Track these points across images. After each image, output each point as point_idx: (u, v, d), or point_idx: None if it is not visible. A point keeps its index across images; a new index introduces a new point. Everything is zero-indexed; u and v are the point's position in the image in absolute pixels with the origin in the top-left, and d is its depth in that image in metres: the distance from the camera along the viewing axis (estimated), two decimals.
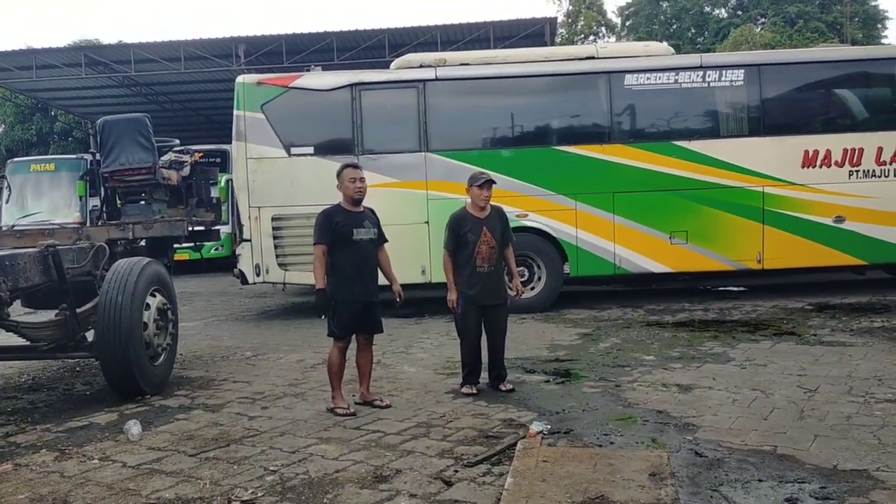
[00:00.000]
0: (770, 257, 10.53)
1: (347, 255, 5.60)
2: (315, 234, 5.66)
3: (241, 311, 12.14)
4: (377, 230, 5.82)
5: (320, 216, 5.70)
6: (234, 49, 21.24)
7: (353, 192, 5.71)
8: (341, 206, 5.75)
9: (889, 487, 3.85)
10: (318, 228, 5.65)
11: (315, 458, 4.59)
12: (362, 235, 5.67)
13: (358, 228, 5.66)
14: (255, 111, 10.60)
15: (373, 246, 5.78)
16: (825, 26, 38.48)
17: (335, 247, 5.60)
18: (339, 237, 5.60)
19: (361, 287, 5.66)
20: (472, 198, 6.29)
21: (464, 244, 6.17)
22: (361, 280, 5.66)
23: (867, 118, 10.94)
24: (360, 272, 5.65)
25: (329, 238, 5.59)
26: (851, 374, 6.25)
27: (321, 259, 5.60)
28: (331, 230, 5.60)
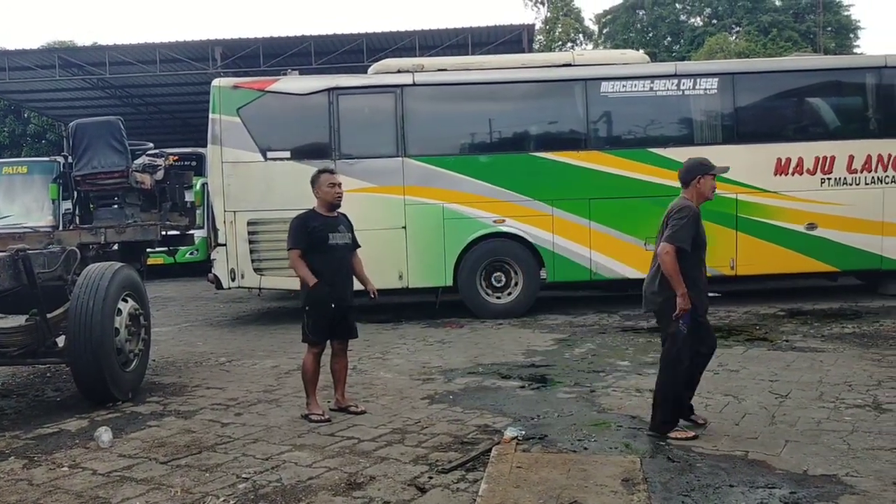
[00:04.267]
0: (743, 263, 10.64)
1: (322, 259, 5.55)
2: (290, 239, 5.61)
3: (216, 317, 12.05)
4: (351, 235, 5.81)
5: (295, 221, 5.66)
6: (211, 52, 21.10)
7: (333, 197, 5.68)
8: (316, 210, 5.72)
9: (858, 492, 3.90)
10: (294, 233, 5.60)
11: (288, 465, 4.57)
12: (338, 240, 5.64)
13: (333, 233, 5.63)
14: (231, 115, 10.54)
15: (347, 251, 5.75)
16: (798, 35, 39.03)
17: (310, 251, 5.56)
18: (315, 242, 5.55)
19: (337, 292, 5.62)
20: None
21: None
22: (337, 285, 5.61)
23: (839, 127, 11.10)
24: (336, 277, 5.61)
25: (305, 243, 5.55)
26: (822, 379, 6.33)
27: (299, 261, 5.54)
28: (306, 235, 5.56)
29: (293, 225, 5.64)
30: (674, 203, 5.13)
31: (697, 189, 5.12)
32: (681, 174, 5.24)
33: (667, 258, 4.88)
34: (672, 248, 4.88)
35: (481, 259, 10.72)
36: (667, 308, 4.94)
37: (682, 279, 4.85)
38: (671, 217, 5.00)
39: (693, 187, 5.13)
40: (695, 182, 5.12)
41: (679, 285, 4.84)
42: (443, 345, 8.72)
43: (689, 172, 5.17)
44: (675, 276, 4.85)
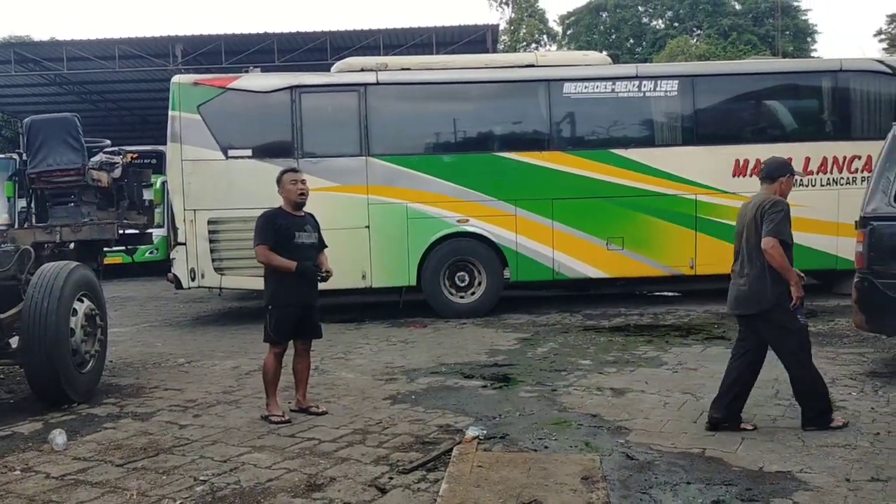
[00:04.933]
0: (702, 263, 10.79)
1: (289, 257, 5.49)
2: (256, 236, 5.56)
3: (176, 317, 11.88)
4: (318, 235, 5.77)
5: (261, 218, 5.61)
6: (172, 48, 20.84)
7: (296, 194, 5.63)
8: (283, 209, 5.67)
9: (812, 489, 3.98)
10: (260, 229, 5.55)
11: (247, 466, 4.52)
12: (304, 239, 5.60)
13: (300, 232, 5.59)
14: (191, 112, 10.40)
15: (313, 251, 5.70)
16: (757, 39, 39.76)
17: (276, 250, 5.50)
18: (281, 239, 5.51)
19: (301, 291, 5.57)
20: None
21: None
22: (302, 284, 5.56)
23: (796, 129, 11.32)
24: (301, 277, 5.55)
25: (272, 239, 5.50)
26: (778, 377, 6.40)
27: (270, 253, 5.48)
28: (273, 232, 5.51)
29: (260, 222, 5.59)
30: (761, 198, 5.07)
31: (781, 187, 5.15)
32: (769, 170, 5.23)
33: (775, 251, 4.84)
34: (777, 242, 4.85)
35: (445, 259, 10.73)
36: (784, 302, 4.89)
37: (792, 269, 4.88)
38: (766, 212, 4.92)
39: (778, 184, 5.15)
40: (781, 179, 5.16)
41: (792, 275, 4.86)
42: (406, 344, 8.71)
43: (779, 169, 5.20)
44: (787, 266, 4.85)
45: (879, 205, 6.25)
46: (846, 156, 10.81)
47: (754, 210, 5.01)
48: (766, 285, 4.93)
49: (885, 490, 3.92)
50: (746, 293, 5.03)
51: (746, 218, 5.08)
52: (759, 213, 4.96)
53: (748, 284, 5.02)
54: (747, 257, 5.04)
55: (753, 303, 5.00)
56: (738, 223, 5.22)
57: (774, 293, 4.90)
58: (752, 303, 5.01)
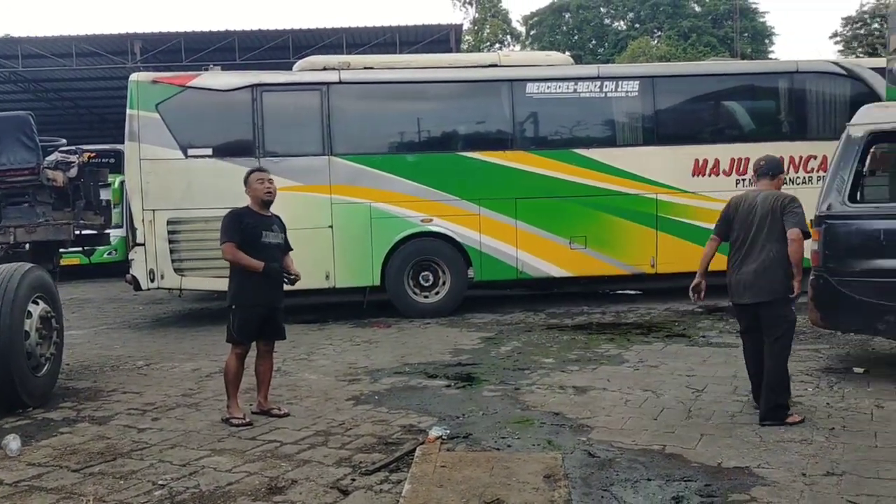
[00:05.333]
0: (663, 262, 10.92)
1: (254, 257, 5.44)
2: (223, 234, 5.50)
3: (135, 319, 11.69)
4: (284, 236, 5.73)
5: (228, 216, 5.56)
6: (130, 46, 20.54)
7: (263, 193, 5.58)
8: (249, 208, 5.62)
9: (769, 483, 4.04)
10: (227, 227, 5.50)
11: (207, 470, 4.46)
12: (270, 239, 5.56)
13: (267, 231, 5.55)
14: (149, 111, 10.24)
15: (279, 251, 5.66)
16: (717, 41, 40.39)
17: (243, 249, 5.45)
18: (248, 238, 5.45)
19: (266, 292, 5.52)
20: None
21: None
22: (267, 284, 5.51)
23: (753, 129, 11.50)
24: (267, 277, 5.49)
25: (238, 237, 5.44)
26: (737, 374, 6.53)
27: (237, 252, 5.42)
28: (240, 230, 5.45)
29: (226, 219, 5.55)
30: (774, 193, 5.30)
31: (778, 184, 5.46)
32: (769, 167, 5.48)
33: (799, 244, 5.03)
34: (802, 235, 5.06)
35: (409, 258, 10.70)
36: (789, 292, 5.09)
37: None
38: (787, 206, 5.13)
39: (778, 180, 5.47)
40: (780, 176, 5.50)
41: (801, 268, 5.06)
42: (370, 345, 8.67)
43: (779, 167, 5.53)
44: (803, 258, 5.06)
45: (834, 204, 6.38)
46: (802, 156, 11.00)
47: (772, 202, 5.18)
48: (780, 274, 5.10)
49: (839, 484, 4.00)
50: (761, 281, 5.15)
51: (759, 210, 5.21)
52: (780, 205, 5.14)
53: (764, 272, 5.14)
54: (761, 247, 5.17)
55: (768, 291, 5.15)
56: (742, 213, 5.32)
57: (787, 282, 5.10)
58: (766, 291, 5.15)
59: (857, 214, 6.42)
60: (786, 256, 5.08)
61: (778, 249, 5.12)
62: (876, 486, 3.94)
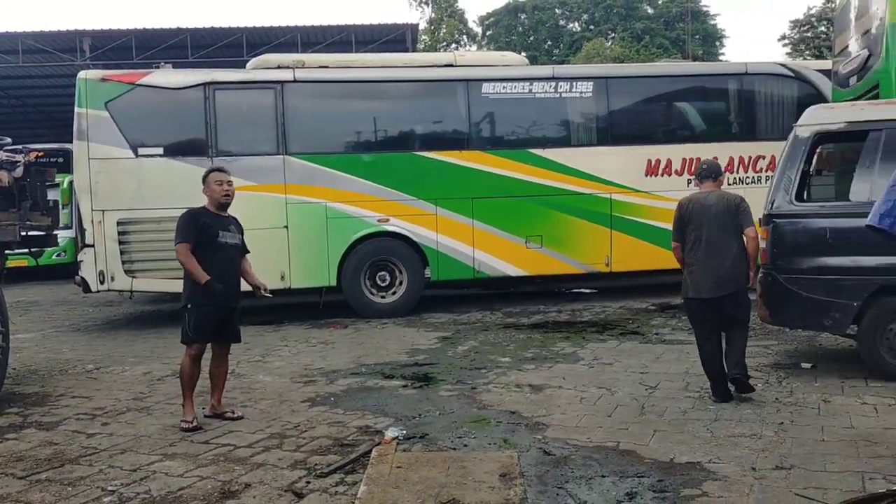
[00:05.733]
0: (617, 260, 11.05)
1: (211, 257, 5.37)
2: (178, 234, 5.41)
3: (84, 321, 11.44)
4: (241, 238, 5.66)
5: (184, 215, 5.48)
6: (79, 43, 20.11)
7: (221, 194, 5.51)
8: (206, 208, 5.55)
9: (720, 478, 4.11)
10: (182, 227, 5.41)
11: (158, 475, 4.38)
12: (227, 239, 5.49)
13: (224, 231, 5.48)
14: (98, 109, 10.02)
15: (237, 252, 5.60)
16: (669, 42, 41.03)
17: (199, 249, 5.36)
18: (205, 238, 5.38)
19: (226, 292, 5.41)
20: None
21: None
22: (224, 284, 5.40)
23: (704, 130, 11.71)
24: (224, 276, 5.40)
25: (194, 237, 5.36)
26: (689, 370, 6.64)
27: (188, 255, 5.33)
28: (196, 230, 5.37)
29: (182, 219, 5.46)
30: (723, 194, 5.83)
31: (720, 184, 5.99)
32: (712, 170, 5.99)
33: (757, 241, 5.73)
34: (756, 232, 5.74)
35: (366, 258, 10.66)
36: (747, 281, 5.74)
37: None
38: (740, 206, 5.67)
39: (719, 181, 5.99)
40: (720, 178, 6.04)
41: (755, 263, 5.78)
42: (326, 346, 8.61)
43: (720, 169, 6.12)
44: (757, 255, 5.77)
45: (781, 203, 6.51)
46: (752, 156, 11.22)
47: (725, 202, 5.70)
48: (743, 267, 5.68)
49: (788, 478, 4.09)
50: (728, 275, 5.63)
51: (713, 210, 5.67)
52: (734, 206, 5.67)
53: (726, 268, 5.62)
54: (723, 244, 5.64)
55: (734, 283, 5.67)
56: (696, 215, 5.73)
57: (746, 274, 5.69)
58: (732, 283, 5.66)
59: (803, 213, 6.56)
60: (744, 251, 5.66)
61: (738, 246, 5.65)
62: (823, 479, 4.03)
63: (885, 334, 6.12)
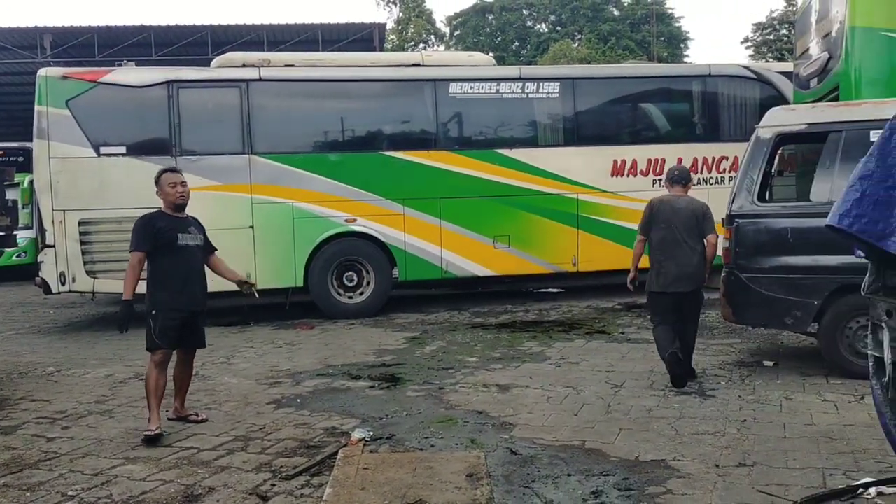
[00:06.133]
0: (584, 260, 11.12)
1: (173, 261, 5.21)
2: (133, 241, 5.24)
3: (45, 323, 11.22)
4: (203, 237, 5.48)
5: (139, 221, 5.27)
6: (40, 40, 19.77)
7: (176, 197, 5.32)
8: (163, 211, 5.36)
9: (684, 476, 4.15)
10: (137, 234, 5.22)
11: (120, 479, 4.30)
12: (188, 241, 5.31)
13: (183, 233, 5.29)
14: (59, 107, 9.83)
15: (200, 253, 5.43)
16: (635, 44, 41.42)
17: (159, 253, 5.20)
18: (163, 242, 5.20)
19: (188, 296, 5.27)
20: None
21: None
22: (188, 288, 5.27)
23: (669, 131, 11.83)
24: (188, 280, 5.26)
25: (150, 244, 5.17)
26: (654, 369, 6.70)
27: (136, 268, 5.15)
28: (152, 236, 5.18)
29: (137, 225, 5.26)
30: (690, 200, 6.34)
31: (688, 189, 6.47)
32: (682, 175, 6.49)
33: (715, 247, 6.24)
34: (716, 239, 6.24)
35: (333, 259, 10.60)
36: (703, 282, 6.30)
37: None
38: (706, 213, 6.22)
39: (688, 186, 6.48)
40: (689, 184, 6.50)
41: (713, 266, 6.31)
42: (292, 347, 8.55)
43: (689, 175, 6.60)
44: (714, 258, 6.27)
45: (744, 203, 6.60)
46: (715, 156, 11.36)
47: (693, 209, 6.23)
48: (703, 268, 6.24)
49: (751, 475, 4.14)
50: (691, 274, 6.19)
51: (682, 214, 6.21)
52: (700, 213, 6.22)
53: (692, 267, 6.18)
54: (687, 246, 6.17)
55: (695, 281, 6.24)
56: (666, 216, 6.24)
57: (704, 274, 6.25)
58: (693, 281, 6.23)
59: (765, 213, 6.67)
60: (703, 254, 6.19)
61: (701, 250, 6.20)
62: (785, 476, 4.09)
63: (845, 332, 6.24)
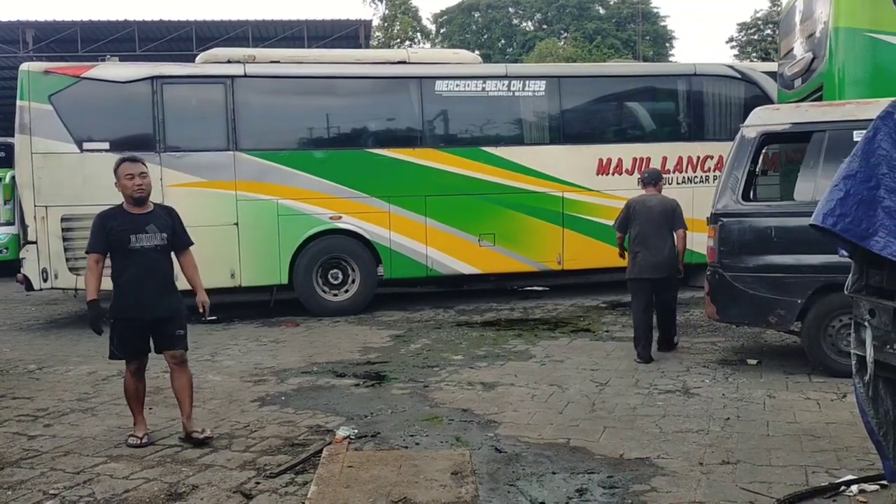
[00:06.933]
0: (569, 258, 11.14)
1: (125, 265, 4.80)
2: (89, 242, 4.88)
3: (26, 320, 11.11)
4: (168, 234, 4.92)
5: (95, 219, 4.87)
6: (22, 34, 19.56)
7: (132, 189, 4.81)
8: (123, 207, 4.90)
9: (668, 473, 4.18)
10: (91, 234, 4.84)
11: (102, 477, 4.27)
12: (144, 242, 4.80)
13: (138, 234, 4.79)
14: (41, 102, 9.73)
15: (160, 254, 4.89)
16: (620, 43, 41.58)
17: (113, 256, 4.83)
18: (115, 244, 4.79)
19: (144, 302, 4.78)
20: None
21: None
22: (143, 294, 4.78)
23: (654, 130, 11.86)
24: (142, 285, 4.78)
25: (101, 246, 4.79)
26: (638, 367, 6.74)
27: (93, 269, 4.78)
28: (104, 237, 4.78)
29: (92, 224, 4.87)
30: (662, 198, 7.30)
31: (660, 188, 7.46)
32: (653, 177, 7.50)
33: (685, 240, 7.23)
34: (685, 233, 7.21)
35: (317, 256, 10.56)
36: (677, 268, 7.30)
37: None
38: (676, 211, 7.17)
39: (659, 185, 7.47)
40: (660, 184, 7.50)
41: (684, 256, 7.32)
42: (277, 344, 8.52)
43: (660, 176, 7.65)
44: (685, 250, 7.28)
45: (728, 202, 6.64)
46: (700, 156, 11.40)
47: (665, 207, 7.18)
48: (673, 258, 7.19)
49: (734, 472, 4.17)
50: (663, 263, 7.12)
51: (654, 211, 7.15)
52: (671, 210, 7.16)
53: (664, 257, 7.11)
54: (661, 240, 7.11)
55: (666, 269, 7.14)
56: (641, 213, 7.16)
57: (676, 263, 7.23)
58: (664, 269, 7.14)
59: (749, 212, 6.70)
60: (674, 245, 7.18)
61: (672, 243, 7.17)
62: (768, 473, 4.12)
63: (828, 331, 6.29)
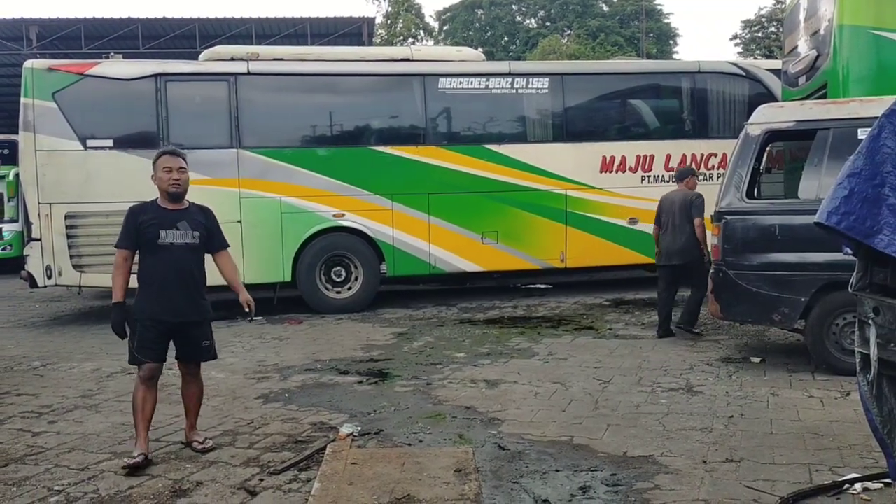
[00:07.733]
0: (572, 256, 11.14)
1: (152, 262, 4.58)
2: (119, 236, 4.63)
3: (31, 317, 11.14)
4: (200, 233, 4.69)
5: (127, 212, 4.66)
6: (26, 32, 19.58)
7: (168, 183, 4.60)
8: (157, 202, 4.69)
9: (672, 471, 4.17)
10: (122, 228, 4.63)
11: (107, 474, 4.28)
12: (173, 239, 4.58)
13: (168, 230, 4.57)
14: (45, 99, 9.76)
15: (190, 253, 4.66)
16: (624, 40, 41.53)
17: (141, 252, 4.60)
18: (143, 240, 4.57)
19: (167, 304, 4.55)
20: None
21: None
22: (167, 295, 4.55)
23: (658, 127, 11.85)
24: (166, 285, 4.55)
25: (130, 241, 4.57)
26: (641, 365, 6.74)
27: (121, 266, 4.55)
28: (133, 231, 4.57)
29: (125, 217, 4.66)
30: (685, 192, 8.10)
31: (688, 184, 8.25)
32: (680, 174, 8.53)
33: (701, 228, 7.82)
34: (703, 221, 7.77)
35: (321, 254, 10.57)
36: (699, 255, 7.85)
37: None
38: (694, 201, 7.91)
39: (685, 182, 8.27)
40: (687, 179, 8.30)
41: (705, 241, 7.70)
42: (280, 342, 8.53)
43: (684, 173, 8.50)
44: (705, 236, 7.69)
45: (732, 200, 6.63)
46: (704, 153, 11.39)
47: (683, 199, 7.99)
48: (693, 246, 7.90)
49: (738, 470, 4.16)
50: (675, 252, 7.98)
51: (676, 204, 8.00)
52: (689, 202, 7.93)
53: (682, 245, 7.92)
54: (679, 229, 7.93)
55: (684, 256, 7.93)
56: (666, 207, 8.11)
57: (697, 250, 7.88)
58: (676, 257, 7.99)
59: (753, 210, 6.69)
60: (691, 234, 7.90)
61: (691, 230, 7.91)
62: (772, 472, 4.12)
63: (832, 329, 6.28)
